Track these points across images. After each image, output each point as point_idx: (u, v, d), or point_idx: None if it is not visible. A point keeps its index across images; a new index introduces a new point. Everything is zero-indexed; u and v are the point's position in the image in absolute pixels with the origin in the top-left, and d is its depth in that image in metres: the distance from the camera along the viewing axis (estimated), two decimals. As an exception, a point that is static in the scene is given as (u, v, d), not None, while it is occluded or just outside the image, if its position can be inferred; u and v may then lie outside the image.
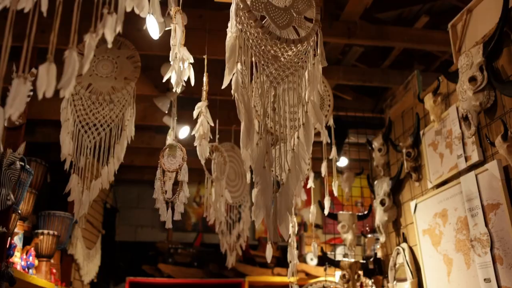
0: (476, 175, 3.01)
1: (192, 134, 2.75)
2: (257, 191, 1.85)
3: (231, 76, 1.92)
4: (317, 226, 6.89)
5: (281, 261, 6.57)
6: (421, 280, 3.73)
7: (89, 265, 5.53)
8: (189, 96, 4.43)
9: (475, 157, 3.07)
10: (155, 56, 4.35)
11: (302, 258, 6.45)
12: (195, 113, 2.63)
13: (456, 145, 3.29)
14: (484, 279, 2.90)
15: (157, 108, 4.58)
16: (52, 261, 4.72)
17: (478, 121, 2.97)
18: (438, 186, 3.54)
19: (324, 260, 4.43)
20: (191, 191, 7.25)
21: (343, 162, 5.21)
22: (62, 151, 3.25)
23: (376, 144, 4.56)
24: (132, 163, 6.30)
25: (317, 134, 4.96)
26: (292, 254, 3.23)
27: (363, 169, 4.78)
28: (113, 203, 6.64)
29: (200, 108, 2.63)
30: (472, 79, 2.95)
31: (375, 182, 4.42)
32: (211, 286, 6.38)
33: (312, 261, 6.46)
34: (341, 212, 4.43)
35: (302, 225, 6.93)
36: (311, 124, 2.06)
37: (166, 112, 4.23)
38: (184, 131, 4.48)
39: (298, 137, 2.02)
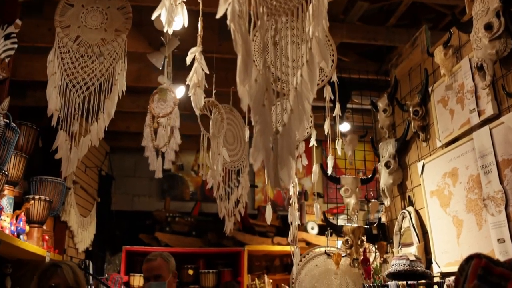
0: (490, 130, 2.82)
1: (186, 83, 2.54)
2: (256, 131, 1.65)
3: (227, 5, 1.71)
4: (318, 194, 6.71)
5: (281, 230, 6.43)
6: (428, 244, 3.56)
7: (84, 233, 5.37)
8: (184, 54, 4.22)
9: (489, 111, 2.87)
10: (148, 11, 4.10)
11: (303, 227, 6.30)
12: (188, 59, 2.42)
13: (468, 99, 3.09)
14: (498, 240, 2.73)
15: (152, 68, 4.36)
16: (44, 227, 4.57)
17: (493, 71, 2.76)
18: (448, 144, 3.35)
19: (326, 226, 4.27)
20: (189, 160, 7.09)
21: (345, 127, 5.01)
22: (48, 106, 3.05)
23: (381, 104, 4.35)
24: (127, 129, 6.10)
25: (319, 96, 4.75)
26: (293, 215, 3.06)
27: (366, 131, 4.58)
28: (108, 171, 6.45)
29: (194, 53, 2.41)
30: (488, 26, 2.73)
31: (380, 144, 4.23)
32: (209, 255, 6.24)
33: (313, 230, 6.31)
34: (343, 175, 4.25)
35: (303, 194, 6.77)
36: (315, 62, 1.85)
37: (160, 68, 4.01)
38: (179, 91, 4.26)
39: (301, 75, 1.82)
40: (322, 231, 6.22)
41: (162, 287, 3.09)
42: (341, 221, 5.40)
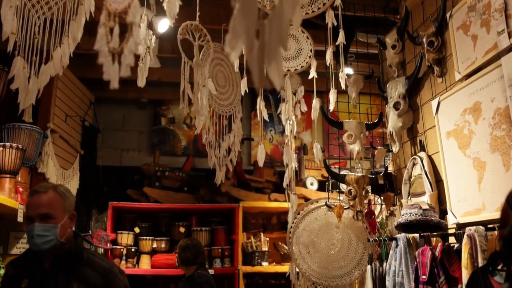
0: (524, 51, 2.37)
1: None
2: (235, 12, 1.21)
3: None
4: (318, 148, 6.28)
5: (278, 186, 6.05)
6: (442, 192, 3.15)
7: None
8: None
9: (523, 29, 2.42)
10: None
11: (301, 183, 5.91)
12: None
13: (496, 20, 2.63)
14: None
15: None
16: (19, 179, 4.17)
17: (530, -21, 2.30)
18: (469, 76, 2.90)
19: (328, 174, 3.86)
20: (180, 112, 6.63)
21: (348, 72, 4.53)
22: (4, 29, 2.61)
23: (389, 40, 3.89)
24: (112, 77, 5.63)
25: (319, 39, 4.28)
26: (289, 155, 2.63)
27: (373, 71, 4.11)
28: (93, 123, 6.00)
29: None
30: None
31: (388, 84, 3.78)
32: (202, 212, 5.86)
33: (312, 185, 5.92)
34: (346, 120, 3.81)
35: (302, 148, 6.36)
36: None
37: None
38: (163, 24, 3.80)
39: None
40: (322, 187, 5.84)
41: (51, 233, 2.27)
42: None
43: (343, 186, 4.01)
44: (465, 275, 2.41)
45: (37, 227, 2.26)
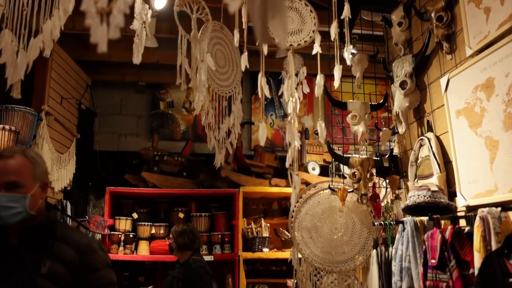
0: (542, 22, 2.23)
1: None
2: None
3: None
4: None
5: (279, 171, 5.93)
6: (451, 174, 3.02)
7: (61, 171, 4.84)
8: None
9: (541, -2, 2.28)
10: None
11: (303, 168, 5.79)
12: None
13: (511, -10, 2.49)
14: (548, 159, 2.18)
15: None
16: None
17: None
18: (481, 51, 2.75)
19: (331, 156, 3.73)
20: (179, 96, 6.50)
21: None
22: (-11, 0, 2.46)
23: (395, 17, 3.73)
24: (109, 59, 5.49)
25: (323, 19, 4.13)
26: (292, 134, 2.50)
27: (377, 50, 3.96)
28: (90, 107, 5.86)
29: None
30: None
31: (394, 63, 3.63)
32: (201, 197, 5.74)
33: (314, 170, 5.79)
34: (350, 100, 3.67)
35: (304, 133, 6.22)
36: None
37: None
38: (159, 3, 3.65)
39: None
40: (323, 172, 5.72)
41: (19, 205, 1.95)
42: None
43: (345, 171, 3.89)
44: (477, 259, 2.29)
45: (2, 198, 1.94)
